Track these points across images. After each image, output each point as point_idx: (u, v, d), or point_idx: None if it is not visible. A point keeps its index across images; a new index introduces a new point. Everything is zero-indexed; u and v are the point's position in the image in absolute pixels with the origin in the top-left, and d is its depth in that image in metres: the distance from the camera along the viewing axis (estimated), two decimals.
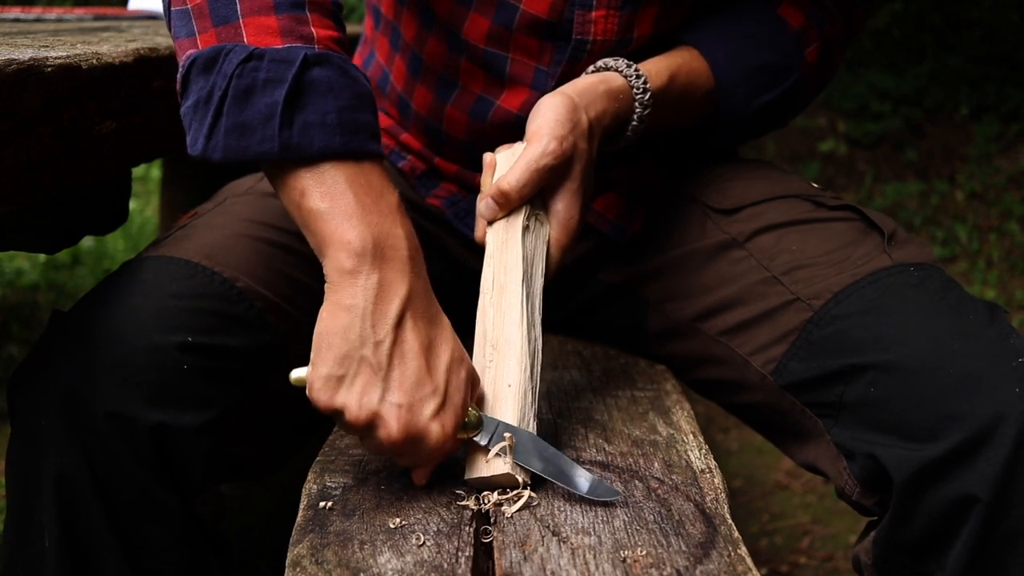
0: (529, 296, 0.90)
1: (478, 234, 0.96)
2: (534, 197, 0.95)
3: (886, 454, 0.90)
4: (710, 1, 1.15)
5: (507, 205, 0.92)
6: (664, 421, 1.01)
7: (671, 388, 1.12)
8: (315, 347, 0.80)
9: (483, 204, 0.94)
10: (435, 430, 0.79)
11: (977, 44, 4.01)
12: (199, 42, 0.83)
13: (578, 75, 1.05)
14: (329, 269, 0.80)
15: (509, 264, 0.91)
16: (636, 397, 1.08)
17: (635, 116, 1.03)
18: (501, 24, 1.09)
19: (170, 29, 0.88)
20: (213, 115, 0.80)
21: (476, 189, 1.21)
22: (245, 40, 0.81)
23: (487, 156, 0.99)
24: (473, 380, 0.84)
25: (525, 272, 0.90)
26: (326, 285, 0.80)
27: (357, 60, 1.34)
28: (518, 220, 0.93)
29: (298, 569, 0.73)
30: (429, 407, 0.79)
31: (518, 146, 0.97)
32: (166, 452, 0.90)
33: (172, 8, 0.87)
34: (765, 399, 1.05)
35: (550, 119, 0.93)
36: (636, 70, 1.02)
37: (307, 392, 0.80)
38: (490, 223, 0.94)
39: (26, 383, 0.91)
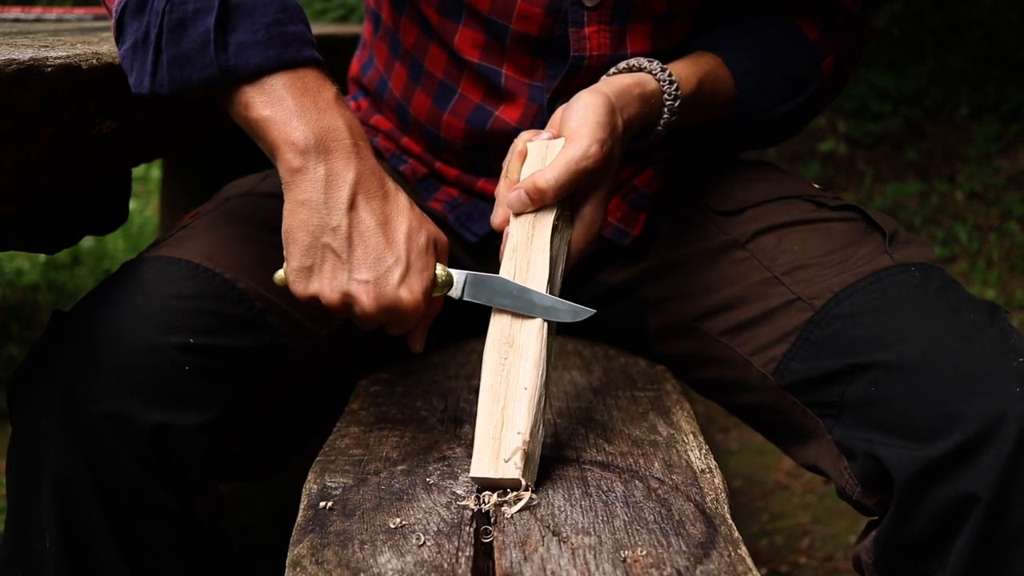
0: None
1: (496, 221, 0.95)
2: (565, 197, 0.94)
3: (887, 454, 0.90)
4: (716, 15, 1.16)
5: (541, 202, 0.91)
6: (664, 421, 1.01)
7: (671, 388, 1.12)
8: (284, 244, 0.86)
9: (514, 195, 0.92)
10: (404, 296, 0.85)
11: (977, 44, 4.01)
12: None
13: (573, 89, 1.04)
14: (282, 171, 0.85)
15: (533, 262, 0.90)
16: (636, 397, 1.08)
17: (662, 121, 1.03)
18: (493, 39, 1.10)
19: None
20: (154, 52, 0.85)
21: (477, 193, 1.22)
22: None
23: (517, 142, 0.98)
24: (436, 241, 0.89)
25: (550, 273, 0.89)
26: (283, 186, 0.86)
27: (356, 64, 1.34)
28: (548, 219, 0.91)
29: (298, 569, 0.73)
30: (394, 276, 0.84)
31: (544, 135, 0.96)
32: (165, 452, 0.90)
33: None
34: (766, 399, 1.05)
35: (591, 120, 0.92)
36: (669, 75, 1.02)
37: (289, 288, 0.86)
38: (516, 215, 0.93)
39: (26, 383, 0.91)
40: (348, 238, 0.84)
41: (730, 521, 0.80)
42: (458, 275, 0.90)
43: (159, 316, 0.89)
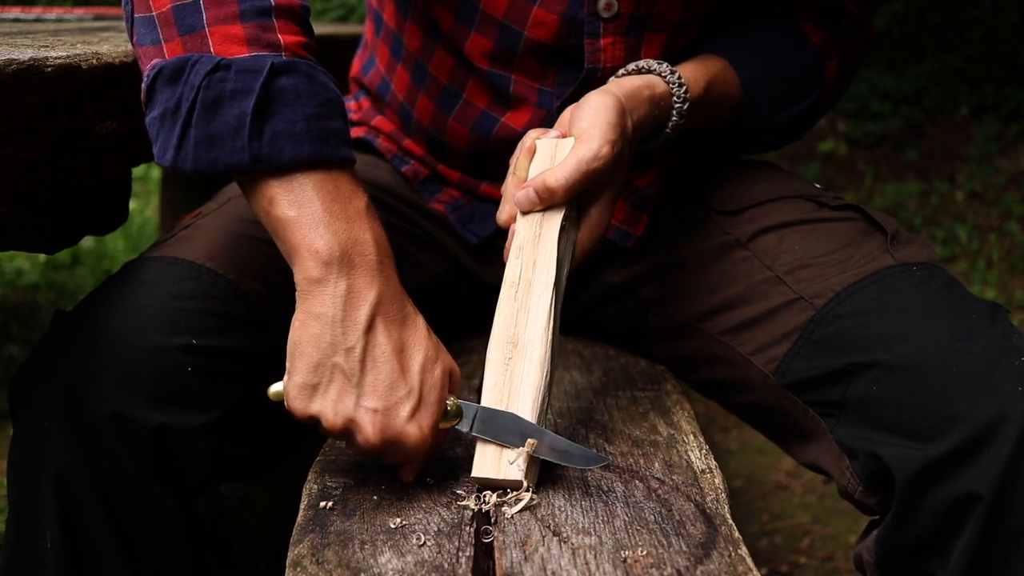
0: (557, 300, 0.89)
1: (503, 217, 0.94)
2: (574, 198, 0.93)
3: (888, 453, 0.90)
4: (724, 20, 1.16)
5: (549, 201, 0.90)
6: (664, 421, 1.01)
7: (671, 388, 1.12)
8: (289, 357, 0.81)
9: (523, 193, 0.91)
10: (412, 432, 0.80)
11: (977, 44, 4.01)
12: (165, 51, 0.82)
13: None
14: (299, 278, 0.81)
15: (540, 262, 0.89)
16: (636, 397, 1.08)
17: (670, 124, 1.02)
18: (505, 46, 1.09)
19: (131, 35, 0.88)
20: (182, 126, 0.80)
21: (479, 195, 1.22)
22: (212, 50, 0.81)
23: (526, 138, 0.97)
24: (451, 374, 0.85)
25: (557, 274, 0.89)
26: (297, 293, 0.81)
27: (357, 64, 1.34)
28: (556, 219, 0.90)
29: (298, 569, 0.73)
30: (405, 409, 0.79)
31: (553, 133, 0.95)
32: (167, 453, 0.90)
33: (136, 15, 0.86)
34: (767, 399, 1.05)
35: (603, 121, 0.92)
36: (679, 77, 1.01)
37: (285, 403, 0.81)
38: (523, 213, 0.92)
39: (27, 383, 0.91)
40: (361, 361, 0.79)
41: (730, 521, 0.80)
42: (468, 409, 0.85)
43: (161, 317, 0.89)
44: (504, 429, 0.83)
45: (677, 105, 1.01)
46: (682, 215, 1.18)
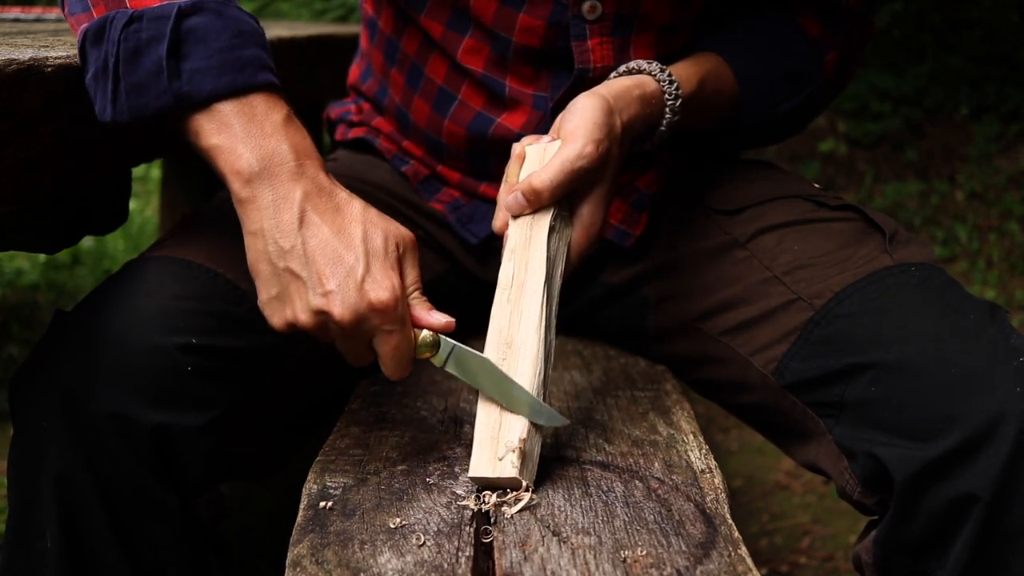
0: (549, 298, 0.89)
1: (497, 224, 0.95)
2: (562, 198, 0.94)
3: (887, 453, 0.90)
4: (719, 17, 1.16)
5: (537, 203, 0.92)
6: (664, 421, 1.01)
7: (671, 388, 1.12)
8: (253, 280, 0.85)
9: (511, 198, 0.92)
10: (371, 290, 0.82)
11: (977, 44, 4.00)
12: (93, 15, 0.86)
13: None
14: (234, 202, 0.85)
15: (531, 263, 0.90)
16: (636, 397, 1.08)
17: (664, 122, 1.03)
18: (496, 52, 1.10)
19: (63, 8, 0.92)
20: (112, 81, 0.84)
21: (478, 196, 1.22)
22: (127, 6, 0.85)
23: (516, 146, 0.98)
24: (399, 238, 0.85)
25: (548, 273, 0.89)
26: (239, 217, 0.85)
27: (355, 71, 1.35)
28: (545, 219, 0.91)
29: (298, 569, 0.73)
30: (356, 276, 0.82)
31: (545, 139, 0.96)
32: (167, 452, 0.90)
33: None
34: (766, 399, 1.05)
35: (588, 120, 0.93)
36: (669, 75, 1.02)
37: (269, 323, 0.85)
38: (514, 217, 0.93)
39: (27, 383, 0.91)
40: (304, 255, 0.82)
41: (730, 521, 0.80)
42: (445, 344, 0.87)
43: (161, 316, 0.89)
44: (476, 372, 0.86)
45: (670, 103, 1.02)
46: (681, 215, 1.18)
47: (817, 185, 1.17)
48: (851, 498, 0.98)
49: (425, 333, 0.86)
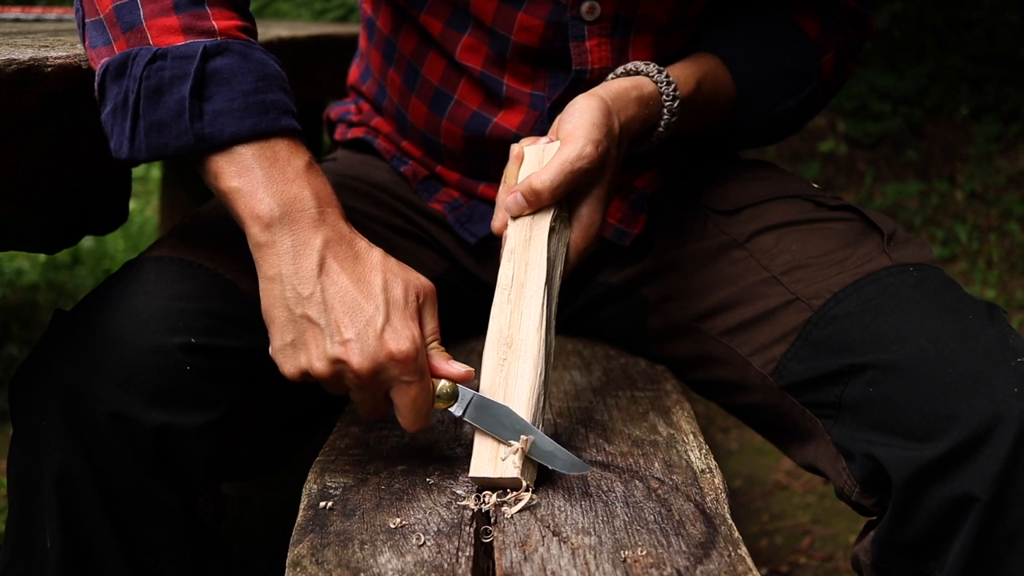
0: (549, 299, 0.89)
1: (496, 225, 0.95)
2: (561, 198, 0.94)
3: (885, 454, 0.90)
4: (718, 18, 1.16)
5: (537, 204, 0.92)
6: (664, 421, 1.01)
7: (671, 388, 1.12)
8: (267, 325, 0.84)
9: (511, 199, 0.92)
10: (391, 341, 0.81)
11: (977, 44, 4.00)
12: (114, 49, 0.86)
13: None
14: (251, 246, 0.84)
15: (531, 264, 0.90)
16: (636, 397, 1.08)
17: (662, 123, 1.03)
18: (495, 51, 1.10)
19: (84, 41, 0.91)
20: (132, 118, 0.83)
21: (477, 196, 1.22)
22: (151, 42, 0.84)
23: (515, 147, 0.98)
24: (419, 288, 0.85)
25: (548, 274, 0.89)
26: (255, 262, 0.84)
27: (355, 72, 1.35)
28: (545, 220, 0.92)
29: (298, 569, 0.73)
30: (375, 326, 0.81)
31: (543, 140, 0.96)
32: (168, 452, 0.90)
33: (87, 20, 0.90)
34: (765, 399, 1.05)
35: (586, 121, 0.93)
36: (667, 76, 1.02)
37: (280, 370, 0.83)
38: (514, 218, 0.93)
39: (28, 383, 0.91)
40: (323, 303, 0.81)
41: (730, 521, 0.80)
42: (464, 393, 0.86)
43: (161, 316, 0.90)
44: (497, 421, 0.84)
45: (667, 103, 1.02)
46: (680, 215, 1.18)
47: (816, 185, 1.17)
48: (849, 499, 0.98)
49: (443, 383, 0.85)
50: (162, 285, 0.93)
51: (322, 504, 0.82)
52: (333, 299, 0.81)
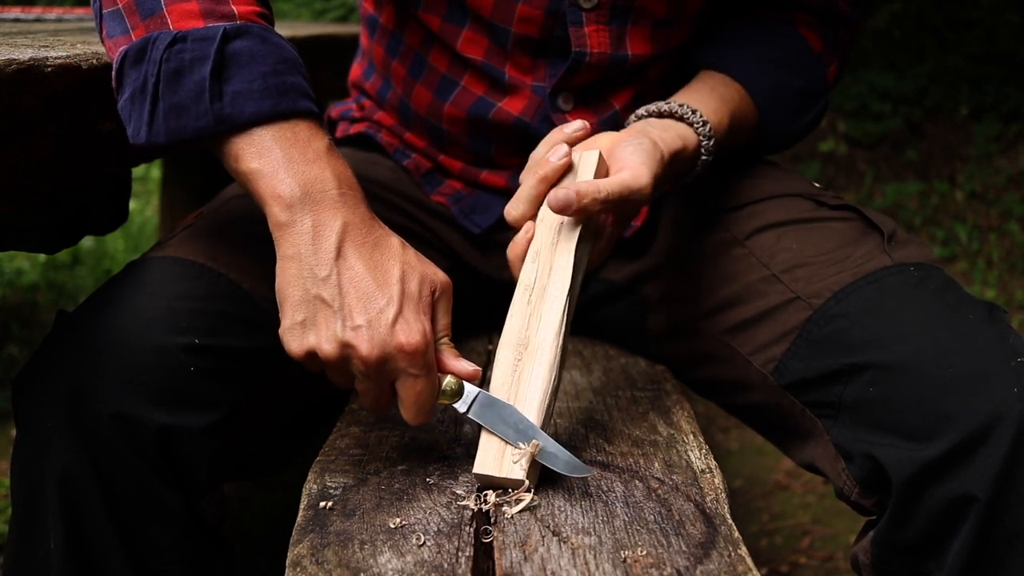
0: (569, 306, 0.89)
1: (514, 215, 0.94)
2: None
3: (885, 454, 0.90)
4: (720, 16, 1.16)
5: (584, 209, 0.89)
6: (664, 421, 1.01)
7: (671, 388, 1.12)
8: (278, 304, 0.83)
9: (563, 192, 0.88)
10: (401, 334, 0.81)
11: (977, 44, 4.01)
12: (133, 37, 0.86)
13: (576, 86, 1.09)
14: (271, 225, 0.84)
15: (556, 268, 0.90)
16: (636, 397, 1.08)
17: (699, 164, 1.05)
18: (495, 43, 1.11)
19: (101, 32, 0.91)
20: (151, 102, 0.83)
21: (480, 184, 1.22)
22: (171, 27, 0.84)
23: (555, 147, 0.94)
24: (435, 282, 0.85)
25: (572, 282, 0.89)
26: (274, 243, 0.84)
27: (357, 70, 1.35)
28: (577, 228, 0.91)
29: (298, 569, 0.73)
30: (388, 315, 0.81)
31: (591, 156, 0.94)
32: (171, 453, 0.90)
33: (104, 11, 0.89)
34: (765, 399, 1.05)
35: (651, 166, 0.93)
36: (705, 123, 1.03)
37: (285, 348, 0.83)
38: (540, 218, 0.93)
39: (31, 383, 0.91)
40: (338, 286, 0.81)
41: (730, 521, 0.80)
42: (470, 390, 0.86)
43: (164, 316, 0.90)
44: (501, 420, 0.84)
45: (703, 157, 1.04)
46: (681, 212, 1.18)
47: (817, 184, 1.18)
48: (849, 499, 0.98)
49: (450, 379, 0.85)
50: (165, 285, 0.93)
51: (322, 504, 0.82)
52: (348, 284, 0.81)
